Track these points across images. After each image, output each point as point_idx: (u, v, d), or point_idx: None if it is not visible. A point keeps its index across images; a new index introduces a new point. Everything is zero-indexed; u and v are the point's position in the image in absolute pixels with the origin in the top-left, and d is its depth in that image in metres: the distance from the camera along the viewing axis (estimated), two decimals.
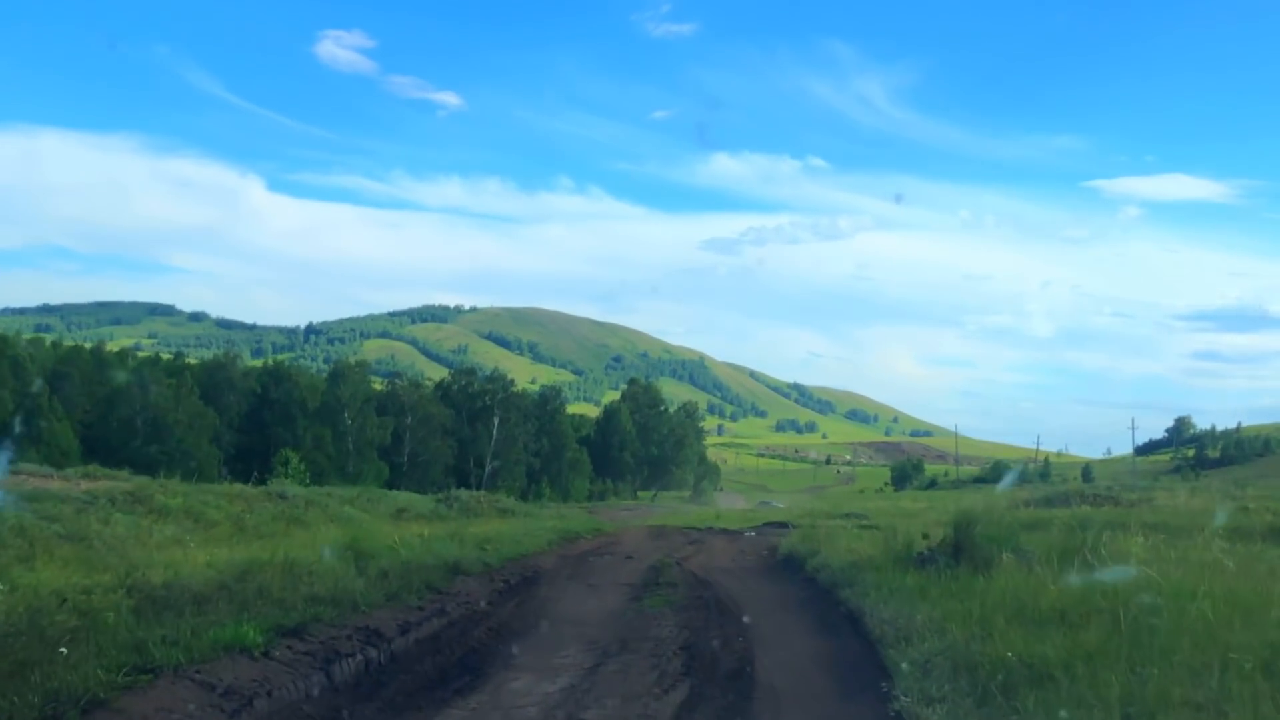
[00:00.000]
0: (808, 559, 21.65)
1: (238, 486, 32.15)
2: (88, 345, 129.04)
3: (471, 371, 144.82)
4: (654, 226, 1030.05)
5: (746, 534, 36.90)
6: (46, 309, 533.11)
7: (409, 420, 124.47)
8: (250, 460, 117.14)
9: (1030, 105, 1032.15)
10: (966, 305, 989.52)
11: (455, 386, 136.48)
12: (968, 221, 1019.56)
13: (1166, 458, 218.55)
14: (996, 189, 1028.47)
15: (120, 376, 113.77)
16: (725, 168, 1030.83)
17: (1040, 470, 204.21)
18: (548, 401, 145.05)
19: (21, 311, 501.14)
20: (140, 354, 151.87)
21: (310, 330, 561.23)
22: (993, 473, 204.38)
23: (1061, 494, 47.94)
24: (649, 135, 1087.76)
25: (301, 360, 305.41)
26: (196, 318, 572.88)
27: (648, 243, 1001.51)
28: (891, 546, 19.08)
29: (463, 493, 37.55)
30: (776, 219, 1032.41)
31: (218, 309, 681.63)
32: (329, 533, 20.66)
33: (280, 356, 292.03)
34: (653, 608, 16.40)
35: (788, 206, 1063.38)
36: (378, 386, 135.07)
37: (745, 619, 15.29)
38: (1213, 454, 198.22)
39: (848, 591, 16.35)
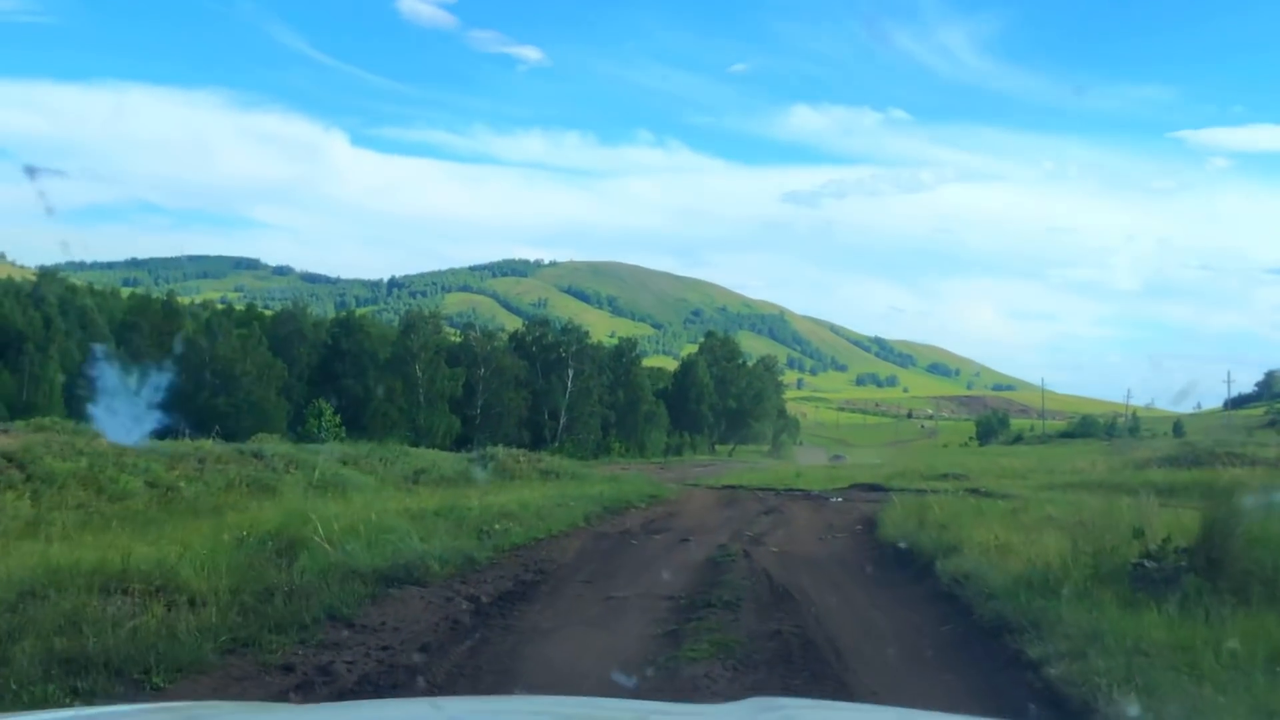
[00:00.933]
0: (937, 558, 14.68)
1: (197, 444, 26.57)
2: (157, 296, 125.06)
3: (546, 322, 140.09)
4: (733, 180, 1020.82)
5: (832, 500, 31.72)
6: (134, 263, 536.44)
7: (482, 372, 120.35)
8: (324, 413, 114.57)
9: (1115, 54, 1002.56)
10: (1050, 258, 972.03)
11: (529, 338, 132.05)
12: (1051, 173, 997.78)
13: (1260, 411, 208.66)
14: (1081, 140, 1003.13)
15: (189, 327, 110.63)
16: (805, 120, 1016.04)
17: (1130, 425, 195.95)
18: (623, 354, 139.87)
19: (110, 266, 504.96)
20: (221, 307, 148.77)
21: (392, 283, 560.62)
22: (1080, 427, 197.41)
23: (1191, 452, 41.64)
24: (728, 88, 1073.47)
25: (384, 313, 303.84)
26: (281, 271, 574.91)
27: (727, 196, 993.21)
28: (1082, 549, 12.31)
29: (500, 450, 32.30)
30: (857, 171, 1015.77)
31: (302, 263, 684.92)
32: (273, 510, 15.43)
33: (362, 310, 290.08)
34: (692, 658, 9.46)
35: (868, 159, 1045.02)
36: (454, 338, 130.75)
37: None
38: None
39: (1035, 644, 9.23)
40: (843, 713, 4.05)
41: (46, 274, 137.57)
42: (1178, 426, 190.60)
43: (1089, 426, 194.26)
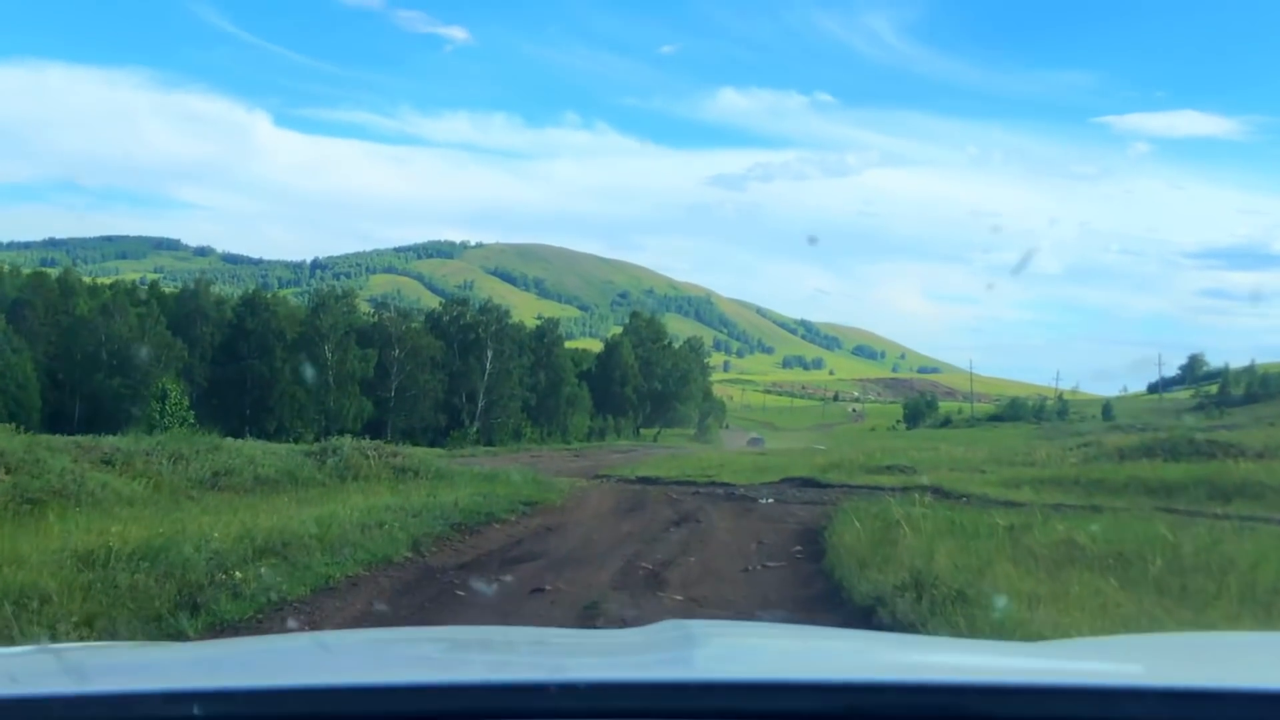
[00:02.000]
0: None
1: None
2: (53, 273, 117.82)
3: (464, 302, 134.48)
4: (661, 162, 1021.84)
5: (762, 501, 26.39)
6: (52, 243, 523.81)
7: (396, 353, 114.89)
8: (225, 394, 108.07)
9: (1039, 40, 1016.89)
10: (974, 242, 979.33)
11: (447, 318, 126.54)
12: (976, 158, 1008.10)
13: (1188, 394, 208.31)
14: (1005, 125, 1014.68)
15: (83, 306, 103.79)
16: (732, 103, 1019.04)
17: (1059, 408, 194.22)
18: (545, 334, 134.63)
19: (27, 246, 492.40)
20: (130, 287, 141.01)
21: (316, 265, 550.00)
22: (1009, 410, 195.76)
23: (1167, 441, 36.63)
24: (656, 70, 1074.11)
25: (305, 295, 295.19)
26: (203, 252, 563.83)
27: (654, 178, 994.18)
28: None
29: (347, 442, 25.63)
30: (783, 155, 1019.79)
31: (224, 244, 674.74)
32: None
33: (285, 290, 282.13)
34: None
35: (795, 142, 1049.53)
36: (369, 319, 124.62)
37: None
38: (1236, 391, 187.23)
39: None
40: (746, 631, 4.04)
41: None
42: (1106, 409, 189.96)
43: (1018, 410, 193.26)
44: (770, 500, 26.03)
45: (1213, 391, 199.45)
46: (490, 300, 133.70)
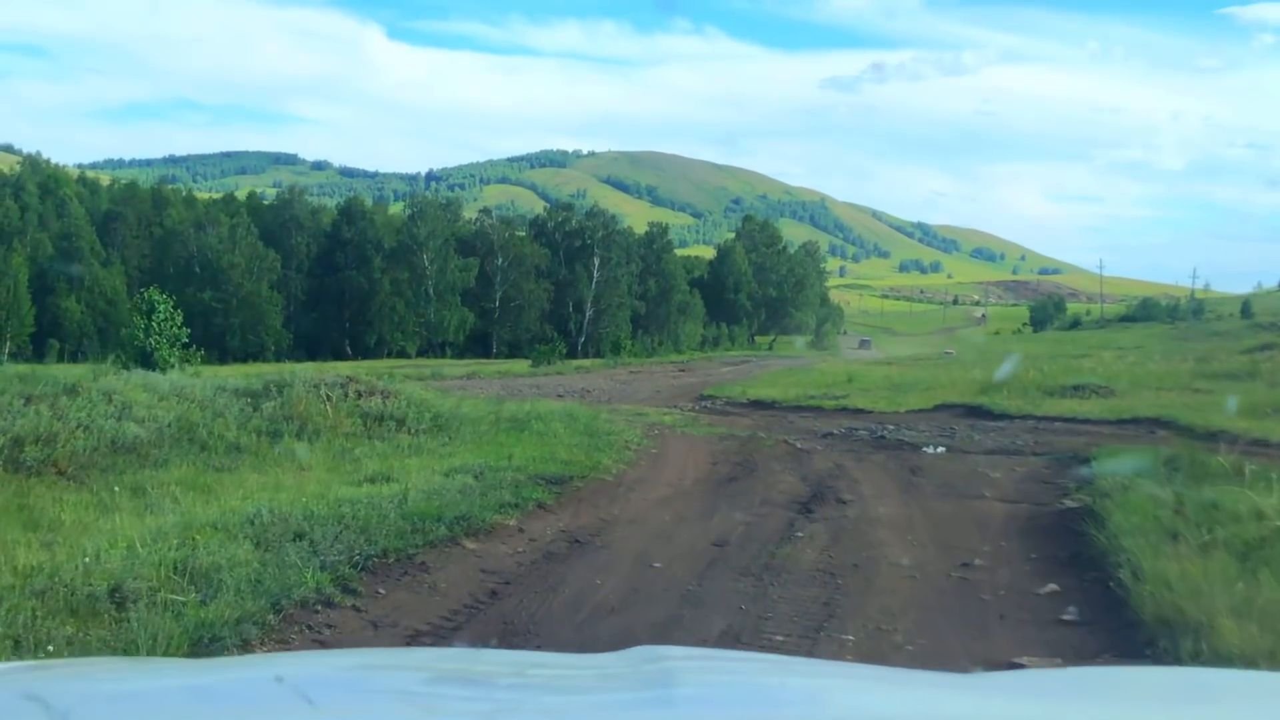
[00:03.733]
0: None
1: None
2: (146, 186, 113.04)
3: (569, 207, 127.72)
4: (773, 66, 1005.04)
5: (929, 451, 18.51)
6: (172, 160, 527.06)
7: (499, 261, 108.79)
8: (324, 307, 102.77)
9: None
10: (1095, 139, 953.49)
11: (552, 224, 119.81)
12: (1096, 53, 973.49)
13: None
14: (1126, 19, 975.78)
15: (174, 217, 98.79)
16: (845, 3, 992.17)
17: (1193, 308, 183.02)
18: (654, 240, 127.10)
19: (148, 163, 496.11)
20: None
21: (431, 176, 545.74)
22: (1140, 310, 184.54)
23: None
24: None
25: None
26: (319, 166, 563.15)
27: (767, 83, 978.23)
28: None
29: (299, 383, 16.99)
30: (899, 55, 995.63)
31: (340, 158, 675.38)
32: None
33: (398, 204, 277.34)
34: None
35: (910, 42, 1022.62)
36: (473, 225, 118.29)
37: None
38: None
39: None
40: (724, 661, 3.84)
41: (33, 162, 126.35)
42: (1245, 308, 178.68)
43: (1150, 310, 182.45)
44: (941, 449, 18.48)
45: None
46: (597, 205, 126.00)
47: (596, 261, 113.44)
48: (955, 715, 2.45)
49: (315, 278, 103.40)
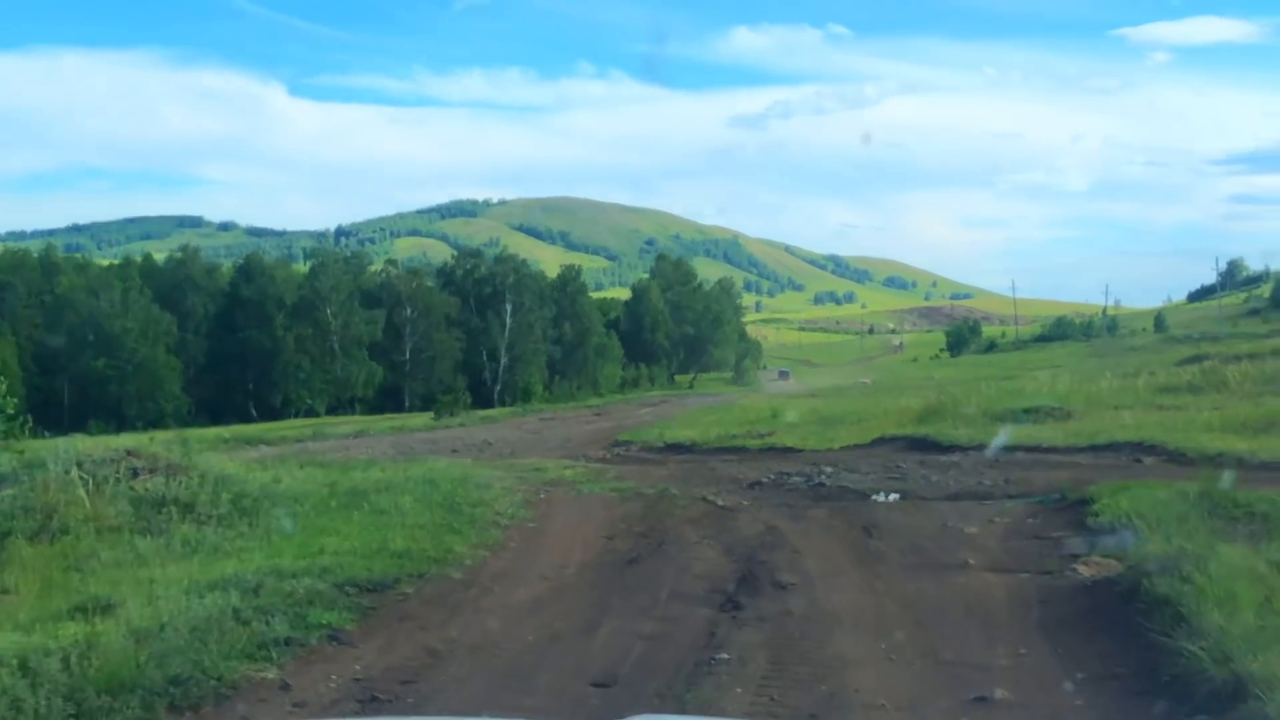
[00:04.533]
0: None
1: None
2: (34, 254, 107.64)
3: (477, 253, 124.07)
4: (679, 106, 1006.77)
5: (879, 500, 15.11)
6: (76, 228, 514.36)
7: (408, 312, 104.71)
8: (225, 369, 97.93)
9: None
10: (998, 164, 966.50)
11: (460, 272, 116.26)
12: (994, 79, 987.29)
13: (1240, 299, 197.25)
14: (1021, 44, 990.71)
15: (64, 283, 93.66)
16: (746, 42, 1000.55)
17: (1107, 324, 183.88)
18: (568, 283, 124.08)
19: (51, 233, 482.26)
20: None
21: (340, 232, 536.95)
22: (1055, 330, 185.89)
23: None
24: (667, 13, 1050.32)
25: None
26: (226, 227, 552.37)
27: (674, 124, 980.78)
28: None
29: (56, 448, 13.31)
30: (801, 91, 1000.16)
31: (247, 218, 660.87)
32: None
33: (306, 263, 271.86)
34: None
35: (812, 77, 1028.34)
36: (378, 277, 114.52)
37: None
38: None
39: None
40: None
41: None
42: (1159, 321, 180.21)
43: (1065, 329, 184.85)
44: (894, 497, 15.07)
45: (1264, 295, 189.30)
46: (507, 249, 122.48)
47: (509, 308, 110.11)
48: None
49: (215, 339, 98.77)
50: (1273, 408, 20.13)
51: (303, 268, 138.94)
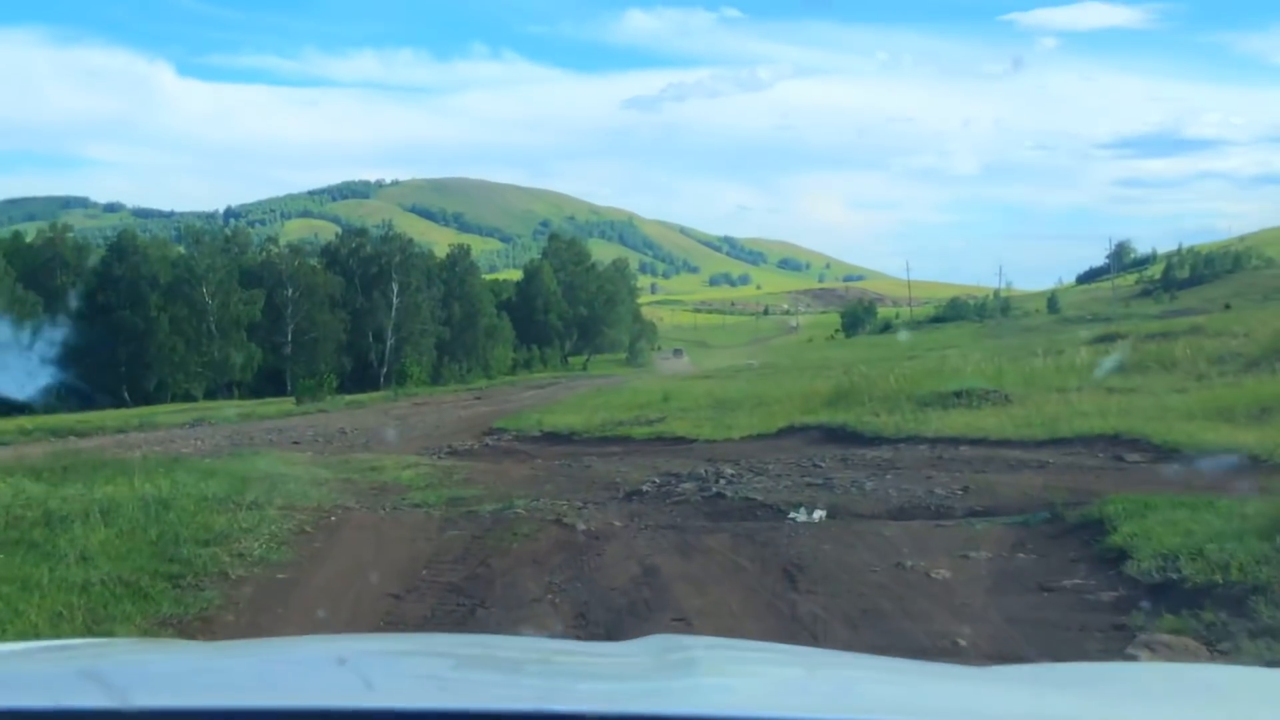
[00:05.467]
0: None
1: None
2: None
3: (363, 232, 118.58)
4: (574, 88, 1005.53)
5: (797, 518, 11.12)
6: None
7: (290, 292, 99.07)
8: (96, 352, 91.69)
9: None
10: (891, 147, 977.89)
11: (345, 250, 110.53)
12: (886, 63, 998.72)
13: (1131, 281, 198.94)
14: (912, 28, 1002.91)
15: None
16: (640, 24, 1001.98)
17: (1000, 306, 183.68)
18: (456, 263, 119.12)
19: None
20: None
21: (229, 213, 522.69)
22: (950, 311, 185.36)
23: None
24: None
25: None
26: (112, 208, 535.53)
27: (569, 105, 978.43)
28: None
29: None
30: (696, 73, 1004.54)
31: (135, 199, 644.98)
32: None
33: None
34: None
35: (706, 60, 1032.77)
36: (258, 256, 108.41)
37: None
38: (1181, 274, 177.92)
39: None
40: (747, 652, 3.69)
41: None
42: (1052, 302, 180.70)
43: (959, 310, 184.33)
44: (819, 514, 11.01)
45: (1155, 277, 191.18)
46: (392, 228, 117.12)
47: (395, 287, 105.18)
48: (986, 709, 2.34)
49: (85, 319, 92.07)
50: (1259, 390, 16.70)
51: (181, 248, 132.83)
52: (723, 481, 13.72)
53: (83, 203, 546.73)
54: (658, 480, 14.54)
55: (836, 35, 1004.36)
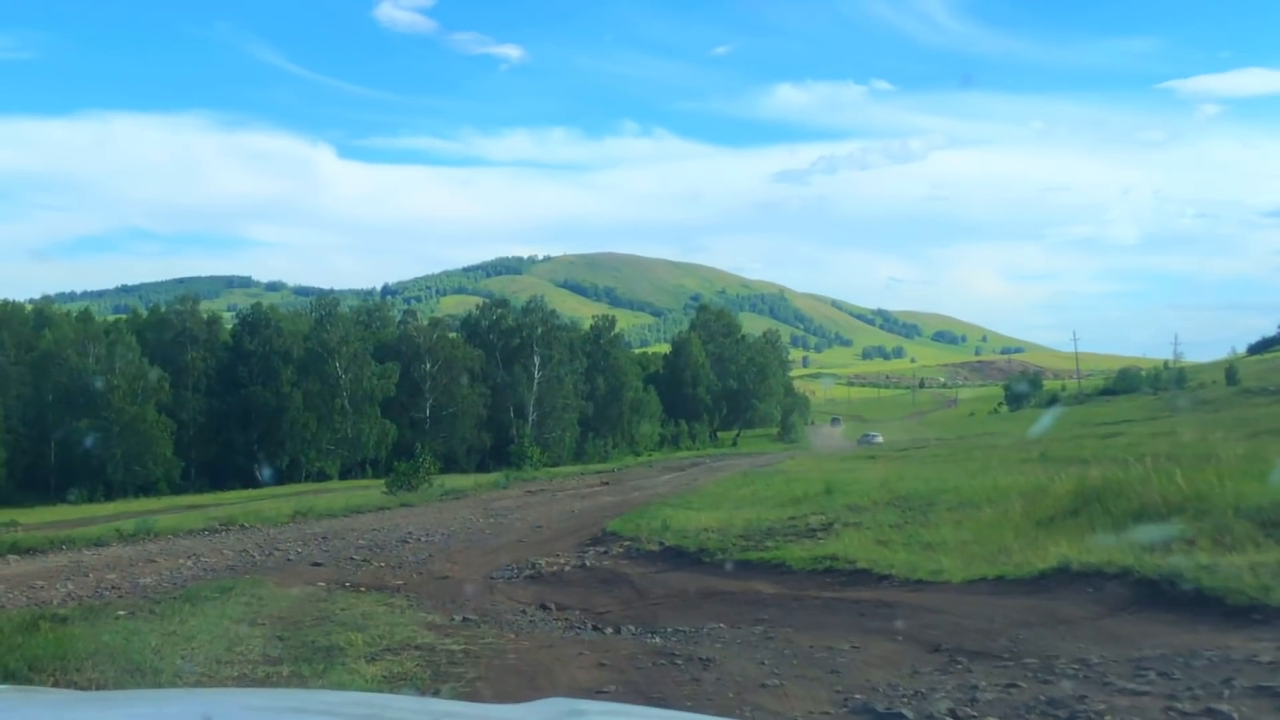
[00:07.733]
0: None
1: None
2: (28, 306, 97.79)
3: (504, 303, 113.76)
4: (723, 163, 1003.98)
5: None
6: (124, 289, 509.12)
7: (428, 366, 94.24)
8: (228, 429, 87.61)
9: (1096, 8, 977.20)
10: (1047, 218, 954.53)
11: (485, 323, 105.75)
12: (1041, 132, 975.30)
13: None
14: (1068, 97, 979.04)
15: (47, 339, 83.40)
16: (789, 99, 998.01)
17: (1175, 377, 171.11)
18: (600, 335, 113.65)
19: (101, 294, 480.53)
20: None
21: (386, 290, 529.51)
22: (1121, 382, 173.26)
23: None
24: (710, 71, 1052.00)
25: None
26: (274, 287, 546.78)
27: (718, 180, 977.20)
28: None
29: None
30: (846, 146, 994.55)
31: (295, 277, 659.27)
32: None
33: None
34: None
35: (856, 133, 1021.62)
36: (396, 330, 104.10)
37: None
38: None
39: None
40: (645, 718, 3.72)
41: None
42: (1230, 373, 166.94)
43: (1131, 381, 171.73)
44: None
45: None
46: (536, 299, 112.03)
47: (536, 360, 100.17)
48: None
49: (215, 396, 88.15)
50: None
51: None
52: None
53: (246, 282, 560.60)
54: None
55: (989, 105, 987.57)
